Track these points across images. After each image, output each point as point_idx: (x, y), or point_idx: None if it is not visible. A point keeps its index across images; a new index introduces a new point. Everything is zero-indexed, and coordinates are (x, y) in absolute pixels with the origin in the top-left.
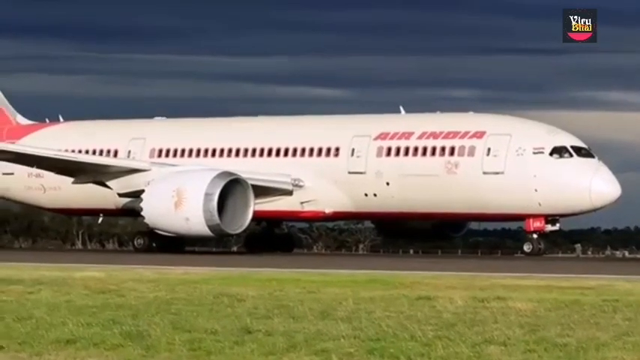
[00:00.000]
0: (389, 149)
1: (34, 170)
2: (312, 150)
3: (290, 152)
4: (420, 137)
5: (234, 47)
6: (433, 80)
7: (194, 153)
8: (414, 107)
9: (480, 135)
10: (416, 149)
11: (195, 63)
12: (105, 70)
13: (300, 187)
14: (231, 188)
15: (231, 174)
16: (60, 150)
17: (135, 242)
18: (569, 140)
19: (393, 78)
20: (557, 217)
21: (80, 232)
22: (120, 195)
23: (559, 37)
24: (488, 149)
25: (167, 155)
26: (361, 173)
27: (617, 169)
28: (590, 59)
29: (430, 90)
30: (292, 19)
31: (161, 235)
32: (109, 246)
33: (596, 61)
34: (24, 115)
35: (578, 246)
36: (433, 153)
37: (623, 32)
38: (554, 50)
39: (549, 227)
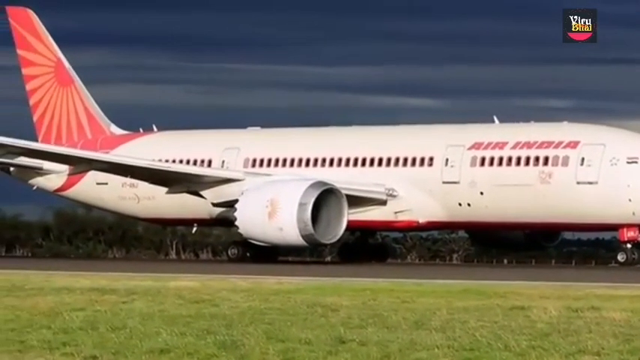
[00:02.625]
0: (483, 159)
1: (128, 180)
2: (405, 160)
3: (384, 162)
4: (514, 147)
5: (328, 57)
6: (528, 90)
7: (288, 163)
8: (508, 117)
9: (573, 145)
10: (510, 159)
11: (289, 73)
12: (199, 80)
13: (394, 196)
14: (325, 198)
15: (325, 184)
16: (154, 160)
17: (229, 252)
18: None
19: (487, 87)
20: None
21: (174, 242)
22: (214, 205)
23: None
24: (582, 159)
25: (261, 165)
26: (455, 183)
27: None
28: None
29: (525, 100)
30: (387, 29)
31: (255, 244)
32: (203, 256)
33: None
34: (118, 124)
35: None
36: (527, 163)
37: None
38: None
39: None
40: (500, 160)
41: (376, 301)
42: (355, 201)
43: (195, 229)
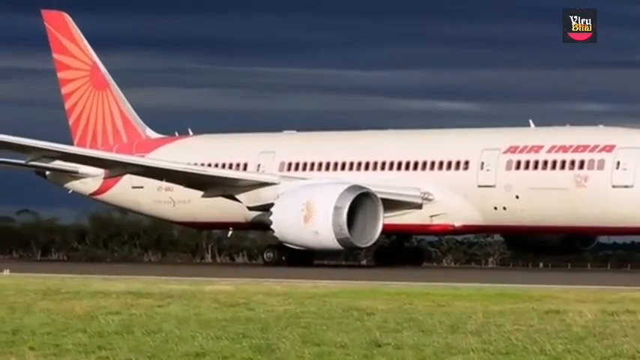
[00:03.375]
0: (518, 162)
1: (164, 184)
2: (441, 163)
3: (419, 166)
4: (549, 151)
5: (364, 60)
6: (563, 94)
7: (323, 166)
8: (543, 120)
9: (609, 148)
10: (545, 163)
11: (325, 76)
12: (236, 83)
13: (430, 200)
14: (361, 202)
15: (360, 187)
16: (189, 163)
17: (264, 256)
18: None
19: (523, 91)
20: None
21: (210, 246)
22: (249, 208)
23: None
24: (618, 163)
25: (296, 169)
26: (491, 187)
27: None
28: None
29: (560, 103)
30: (422, 33)
31: (290, 248)
32: (239, 259)
33: None
34: (153, 128)
35: None
36: (562, 166)
37: None
38: None
39: None
40: (536, 163)
41: (412, 305)
42: (391, 204)
43: (230, 232)
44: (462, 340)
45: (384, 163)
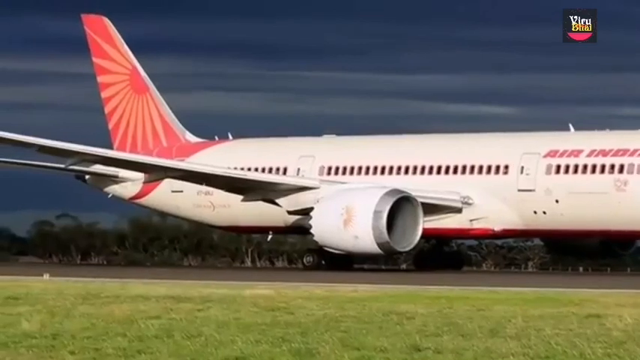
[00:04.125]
0: (558, 167)
1: (204, 188)
2: (481, 167)
3: (459, 170)
4: (589, 155)
5: (404, 64)
6: (603, 98)
7: (363, 170)
8: (583, 125)
9: None
10: (585, 167)
11: (364, 80)
12: (274, 88)
13: (470, 204)
14: (401, 206)
15: (400, 191)
16: (229, 168)
17: (304, 260)
18: None
19: (563, 95)
20: None
21: (249, 250)
22: (289, 212)
23: None
24: None
25: (336, 173)
26: (530, 191)
27: None
28: None
29: (600, 107)
30: (461, 37)
31: (330, 252)
32: (279, 263)
33: None
34: (193, 132)
35: None
36: (602, 171)
37: None
38: None
39: None
40: (576, 167)
41: (451, 309)
42: (431, 209)
43: (270, 236)
44: (502, 345)
45: (423, 167)
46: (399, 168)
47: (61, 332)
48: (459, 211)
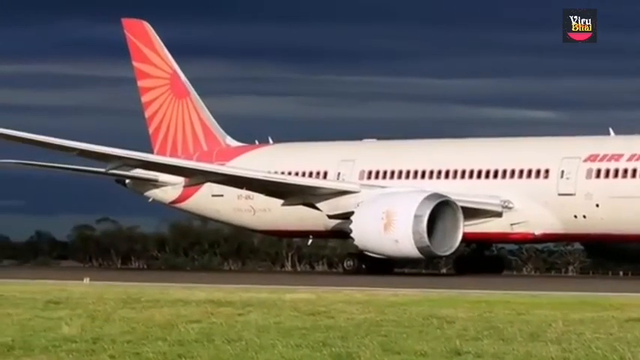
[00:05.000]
0: (598, 171)
1: (244, 192)
2: (521, 172)
3: (499, 174)
4: (629, 159)
5: (443, 69)
6: None
7: (403, 175)
8: (624, 129)
9: None
10: (625, 171)
11: (404, 85)
12: (315, 92)
13: (510, 208)
14: (441, 210)
15: (440, 195)
16: (269, 172)
17: (344, 264)
18: None
19: (603, 100)
20: None
21: (290, 254)
22: (329, 217)
23: None
24: None
25: (376, 177)
26: (571, 195)
27: None
28: None
29: None
30: (501, 41)
31: (370, 256)
32: (319, 268)
33: None
34: (233, 136)
35: None
36: None
37: None
38: None
39: None
40: (616, 172)
41: (492, 313)
42: (471, 213)
43: (310, 241)
44: (542, 349)
45: (464, 172)
46: (440, 172)
47: (102, 336)
48: (499, 215)
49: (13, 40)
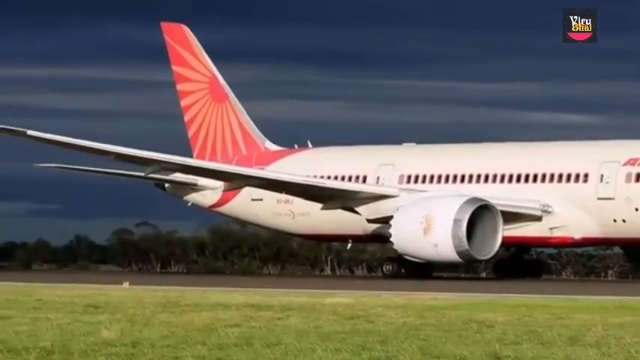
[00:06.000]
0: (638, 175)
1: (283, 196)
2: (560, 176)
3: (539, 178)
4: None
5: (483, 73)
6: None
7: (443, 179)
8: None
9: None
10: None
11: (444, 89)
12: (354, 96)
13: (549, 213)
14: (480, 214)
15: (480, 200)
16: (309, 176)
17: (384, 268)
18: None
19: None
20: None
21: (329, 258)
22: (369, 221)
23: None
24: None
25: (416, 181)
26: (610, 199)
27: None
28: None
29: None
30: (540, 45)
31: (410, 260)
32: (358, 272)
33: None
34: (273, 140)
35: None
36: None
37: None
38: None
39: None
40: None
41: (531, 317)
42: (510, 217)
43: (350, 245)
44: (582, 353)
45: (503, 176)
46: (479, 176)
47: (141, 340)
48: (538, 219)
49: (52, 43)
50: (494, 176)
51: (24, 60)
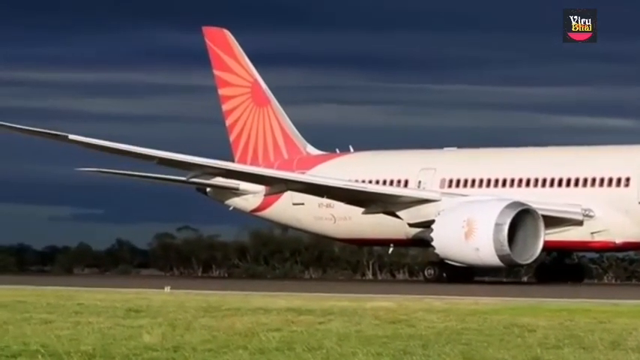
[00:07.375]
0: None
1: (325, 200)
2: (602, 180)
3: (580, 182)
4: None
5: (523, 77)
6: None
7: (484, 183)
8: None
9: None
10: None
11: (485, 93)
12: (395, 101)
13: (591, 217)
14: (522, 218)
15: (521, 204)
16: (350, 180)
17: (425, 272)
18: None
19: None
20: None
21: (370, 262)
22: (410, 225)
23: None
24: None
25: (457, 185)
26: None
27: None
28: None
29: None
30: (579, 49)
31: (451, 265)
32: (400, 276)
33: None
34: (314, 145)
35: None
36: None
37: None
38: None
39: None
40: None
41: (572, 322)
42: (551, 221)
43: (391, 249)
44: (623, 357)
45: (544, 180)
46: (520, 180)
47: (182, 345)
48: (580, 223)
49: (93, 47)
50: (536, 180)
51: (68, 65)
